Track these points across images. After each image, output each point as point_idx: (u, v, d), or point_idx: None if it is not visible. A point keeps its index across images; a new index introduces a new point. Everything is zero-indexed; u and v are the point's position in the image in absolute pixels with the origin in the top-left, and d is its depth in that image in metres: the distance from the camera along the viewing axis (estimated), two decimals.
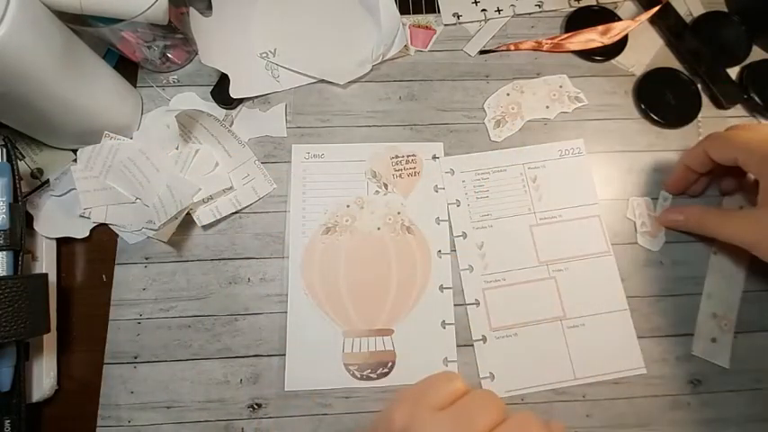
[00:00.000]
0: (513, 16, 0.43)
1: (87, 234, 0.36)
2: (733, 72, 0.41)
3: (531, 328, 0.35)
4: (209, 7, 0.40)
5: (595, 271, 0.36)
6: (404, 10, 0.43)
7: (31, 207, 0.35)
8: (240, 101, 0.40)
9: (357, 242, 0.37)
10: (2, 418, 0.30)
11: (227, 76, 0.38)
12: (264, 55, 0.41)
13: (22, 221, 0.31)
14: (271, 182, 0.38)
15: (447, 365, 0.34)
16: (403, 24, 0.40)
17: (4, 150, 0.32)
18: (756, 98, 0.40)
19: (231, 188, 0.37)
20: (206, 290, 0.36)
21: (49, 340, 0.33)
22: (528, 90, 0.41)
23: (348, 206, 0.37)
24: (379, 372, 0.34)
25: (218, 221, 0.37)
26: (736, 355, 0.35)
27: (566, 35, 0.42)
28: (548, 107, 0.40)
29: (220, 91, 0.39)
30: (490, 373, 0.34)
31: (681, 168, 0.37)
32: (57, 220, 0.36)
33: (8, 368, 0.30)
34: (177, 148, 0.36)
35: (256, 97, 0.40)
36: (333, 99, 0.40)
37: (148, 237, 0.36)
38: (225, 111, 0.39)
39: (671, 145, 0.40)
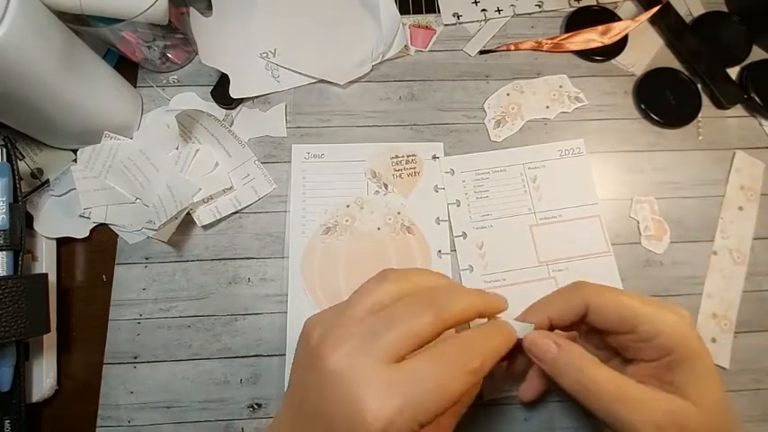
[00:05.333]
0: (513, 16, 0.43)
1: (87, 234, 0.36)
2: (733, 72, 0.41)
3: None
4: (209, 7, 0.40)
5: (595, 271, 0.36)
6: (404, 10, 0.43)
7: (31, 207, 0.35)
8: (240, 101, 0.40)
9: (357, 242, 0.36)
10: (2, 418, 0.30)
11: (227, 76, 0.38)
12: (264, 55, 0.41)
13: (22, 221, 0.31)
14: (271, 182, 0.38)
15: None
16: (403, 24, 0.40)
17: (4, 150, 0.32)
18: (756, 98, 0.40)
19: (231, 188, 0.37)
20: (206, 290, 0.36)
21: (49, 340, 0.33)
22: (528, 90, 0.41)
23: (348, 206, 0.37)
24: None
25: (218, 221, 0.37)
26: (736, 355, 0.35)
27: (566, 35, 0.42)
28: (548, 107, 0.40)
29: (220, 91, 0.39)
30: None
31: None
32: (57, 220, 0.36)
33: (8, 368, 0.30)
34: (177, 148, 0.36)
35: (256, 97, 0.40)
36: (333, 99, 0.40)
37: (148, 237, 0.36)
38: (225, 111, 0.39)
39: (671, 145, 0.40)
